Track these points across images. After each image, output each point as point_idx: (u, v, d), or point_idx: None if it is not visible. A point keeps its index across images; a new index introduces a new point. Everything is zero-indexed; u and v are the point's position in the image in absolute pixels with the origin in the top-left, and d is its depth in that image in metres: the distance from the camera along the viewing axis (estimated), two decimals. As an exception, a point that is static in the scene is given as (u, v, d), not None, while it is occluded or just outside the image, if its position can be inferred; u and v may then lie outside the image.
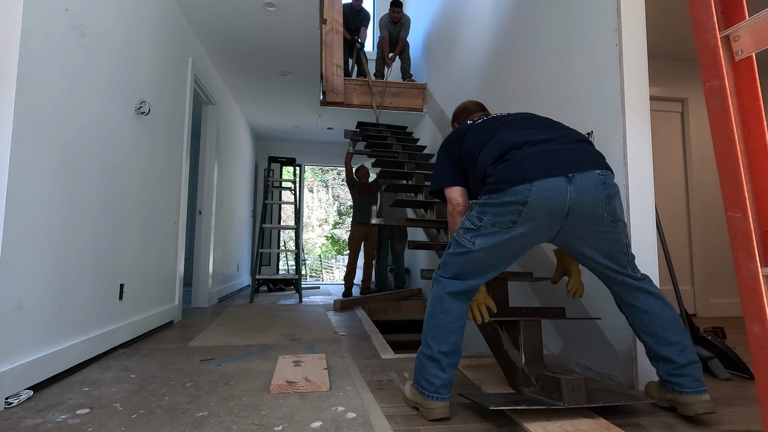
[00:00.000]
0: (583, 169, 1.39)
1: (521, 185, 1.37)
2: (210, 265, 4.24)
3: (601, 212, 1.40)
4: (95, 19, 2.07)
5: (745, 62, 0.77)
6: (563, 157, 1.40)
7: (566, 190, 1.36)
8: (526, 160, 1.41)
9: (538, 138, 1.47)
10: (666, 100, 3.92)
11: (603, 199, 1.40)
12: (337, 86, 5.23)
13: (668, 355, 1.46)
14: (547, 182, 1.36)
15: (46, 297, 1.75)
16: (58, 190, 1.82)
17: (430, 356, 1.48)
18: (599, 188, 1.39)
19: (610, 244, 1.46)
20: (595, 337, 2.04)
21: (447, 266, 1.52)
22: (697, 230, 3.83)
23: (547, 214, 1.38)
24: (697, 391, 1.42)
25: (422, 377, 1.48)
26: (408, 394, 1.57)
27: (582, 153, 1.43)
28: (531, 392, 1.59)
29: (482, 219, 1.44)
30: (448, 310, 1.49)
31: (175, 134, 3.18)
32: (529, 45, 2.76)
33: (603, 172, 1.41)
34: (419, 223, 2.89)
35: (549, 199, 1.36)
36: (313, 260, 19.67)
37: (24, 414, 1.45)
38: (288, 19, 3.48)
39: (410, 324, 4.81)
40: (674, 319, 1.48)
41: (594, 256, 1.49)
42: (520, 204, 1.37)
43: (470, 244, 1.46)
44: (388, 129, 5.21)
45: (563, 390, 1.42)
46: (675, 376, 1.45)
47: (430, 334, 1.49)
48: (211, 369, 2.01)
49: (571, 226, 1.42)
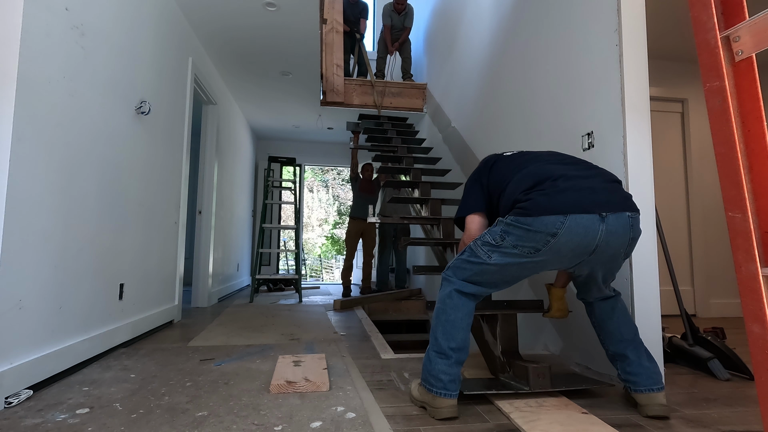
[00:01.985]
0: (616, 210, 1.39)
1: (554, 216, 1.36)
2: (210, 265, 4.24)
3: (621, 252, 1.44)
4: (95, 18, 2.07)
5: (746, 63, 0.77)
6: (599, 196, 1.40)
7: (598, 229, 1.37)
8: (562, 193, 1.40)
9: (573, 173, 1.47)
10: (666, 100, 3.93)
11: (628, 240, 1.42)
12: (337, 86, 5.22)
13: (622, 351, 1.54)
14: (581, 218, 1.36)
15: (45, 296, 1.75)
16: (58, 189, 1.82)
17: (440, 352, 1.48)
18: (627, 230, 1.40)
19: (611, 272, 1.53)
20: (595, 337, 2.04)
21: (458, 270, 1.54)
22: (697, 230, 3.83)
23: (574, 249, 1.39)
24: (651, 389, 1.47)
25: (431, 375, 1.48)
26: (415, 394, 1.57)
27: (616, 194, 1.44)
28: (505, 378, 1.78)
29: (504, 238, 1.44)
30: (458, 307, 1.50)
31: (175, 134, 3.18)
32: (529, 45, 2.76)
33: (632, 215, 1.42)
34: (414, 219, 2.89)
35: (580, 235, 1.37)
36: (313, 260, 19.67)
37: (24, 413, 1.45)
38: (288, 19, 3.48)
39: (410, 324, 4.80)
40: (631, 321, 1.59)
41: (596, 278, 1.55)
42: (548, 234, 1.37)
43: (486, 257, 1.47)
44: (389, 121, 5.19)
45: (530, 377, 1.62)
46: (630, 373, 1.52)
47: (440, 329, 1.50)
48: (211, 369, 2.01)
49: (592, 260, 1.44)
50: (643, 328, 1.81)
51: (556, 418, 1.43)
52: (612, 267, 1.50)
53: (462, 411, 1.52)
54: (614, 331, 1.58)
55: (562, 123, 2.34)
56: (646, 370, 1.50)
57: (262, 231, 4.82)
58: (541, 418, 1.43)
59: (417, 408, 1.54)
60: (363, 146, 4.47)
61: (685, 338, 2.13)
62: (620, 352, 1.55)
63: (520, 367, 1.71)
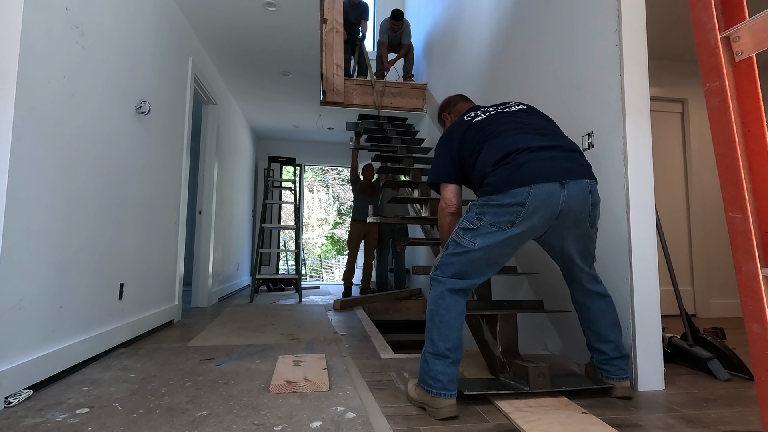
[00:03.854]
0: (575, 178, 1.53)
1: (521, 188, 1.48)
2: (210, 265, 4.24)
3: (584, 216, 1.57)
4: (95, 18, 2.07)
5: (746, 63, 0.76)
6: (559, 165, 1.54)
7: (560, 195, 1.51)
8: (526, 164, 1.52)
9: (537, 144, 1.57)
10: (666, 100, 3.92)
11: (588, 205, 1.56)
12: (337, 86, 5.22)
13: (604, 350, 1.70)
14: (544, 186, 1.49)
15: (45, 296, 1.75)
16: (58, 189, 1.82)
17: (436, 353, 1.51)
18: (586, 195, 1.55)
19: (584, 245, 1.66)
20: (595, 337, 2.04)
21: (446, 266, 1.58)
22: (697, 230, 3.83)
23: (542, 215, 1.51)
24: (620, 378, 1.68)
25: (429, 376, 1.50)
26: (413, 395, 1.58)
27: (575, 162, 1.58)
28: (505, 378, 1.79)
29: (482, 219, 1.53)
30: (451, 307, 1.54)
31: (176, 134, 3.18)
32: (529, 45, 2.76)
33: (591, 182, 1.57)
34: (414, 220, 2.89)
35: (545, 201, 1.49)
36: (313, 260, 19.67)
37: (24, 413, 1.45)
38: (288, 18, 3.48)
39: (410, 324, 4.80)
40: (615, 321, 1.72)
41: (570, 253, 1.67)
42: (519, 205, 1.49)
43: (470, 244, 1.54)
44: (389, 121, 5.19)
45: (530, 377, 1.63)
46: (605, 364, 1.70)
47: (435, 331, 1.53)
48: (211, 369, 2.01)
49: (558, 225, 1.58)
50: (643, 328, 1.81)
51: (556, 418, 1.43)
52: (581, 235, 1.61)
53: (462, 411, 1.52)
54: (599, 332, 1.71)
55: (562, 123, 2.34)
56: (619, 364, 1.69)
57: (262, 231, 4.82)
58: (541, 418, 1.43)
59: (417, 408, 1.54)
60: (363, 146, 4.47)
61: (685, 338, 2.13)
62: (600, 348, 1.71)
63: (519, 367, 1.71)
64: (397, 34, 5.63)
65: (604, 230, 2.00)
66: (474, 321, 2.03)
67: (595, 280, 1.72)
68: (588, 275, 1.71)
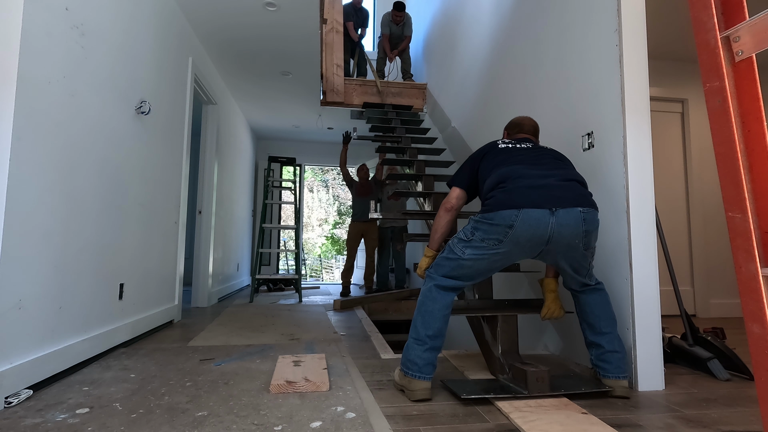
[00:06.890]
0: (566, 206, 1.58)
1: (510, 210, 1.58)
2: (210, 265, 4.24)
3: (577, 242, 1.62)
4: (95, 18, 2.07)
5: (746, 63, 0.76)
6: (551, 193, 1.60)
7: (548, 221, 1.57)
8: (517, 190, 1.62)
9: (535, 173, 1.67)
10: (666, 100, 3.92)
11: (581, 233, 1.60)
12: (337, 86, 5.22)
13: (600, 342, 1.73)
14: (533, 212, 1.56)
15: (45, 296, 1.75)
16: (58, 189, 1.82)
17: (417, 338, 1.67)
18: (579, 223, 1.59)
19: (579, 263, 1.71)
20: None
21: (439, 267, 1.74)
22: (697, 230, 3.83)
23: (530, 239, 1.59)
24: (617, 377, 1.69)
25: (408, 359, 1.66)
26: (396, 378, 1.76)
27: (570, 191, 1.63)
28: (504, 379, 1.81)
29: (474, 234, 1.66)
30: (436, 299, 1.69)
31: (176, 134, 3.18)
32: (529, 45, 2.76)
33: (585, 210, 1.60)
34: (415, 215, 2.89)
35: (533, 227, 1.56)
36: (313, 260, 19.66)
37: (24, 413, 1.45)
38: (288, 18, 3.47)
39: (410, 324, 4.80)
40: (610, 313, 1.76)
41: (564, 268, 1.74)
42: (507, 226, 1.58)
43: (461, 253, 1.68)
44: (394, 110, 5.18)
45: (528, 380, 1.64)
46: (602, 360, 1.72)
47: (420, 319, 1.70)
48: (211, 369, 2.01)
49: (551, 250, 1.64)
50: (643, 328, 1.81)
51: (555, 418, 1.43)
52: (574, 257, 1.67)
53: (462, 411, 1.53)
54: (594, 324, 1.76)
55: (563, 123, 2.34)
56: (616, 360, 1.70)
57: (262, 231, 4.81)
58: (541, 418, 1.43)
59: (417, 408, 1.55)
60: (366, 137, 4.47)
61: (685, 338, 2.13)
62: (596, 341, 1.75)
63: (518, 370, 1.72)
64: (399, 26, 5.67)
65: (604, 230, 2.00)
66: (475, 321, 2.04)
67: (590, 279, 1.78)
68: (584, 283, 1.78)
